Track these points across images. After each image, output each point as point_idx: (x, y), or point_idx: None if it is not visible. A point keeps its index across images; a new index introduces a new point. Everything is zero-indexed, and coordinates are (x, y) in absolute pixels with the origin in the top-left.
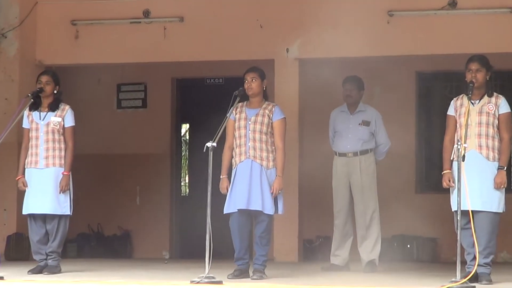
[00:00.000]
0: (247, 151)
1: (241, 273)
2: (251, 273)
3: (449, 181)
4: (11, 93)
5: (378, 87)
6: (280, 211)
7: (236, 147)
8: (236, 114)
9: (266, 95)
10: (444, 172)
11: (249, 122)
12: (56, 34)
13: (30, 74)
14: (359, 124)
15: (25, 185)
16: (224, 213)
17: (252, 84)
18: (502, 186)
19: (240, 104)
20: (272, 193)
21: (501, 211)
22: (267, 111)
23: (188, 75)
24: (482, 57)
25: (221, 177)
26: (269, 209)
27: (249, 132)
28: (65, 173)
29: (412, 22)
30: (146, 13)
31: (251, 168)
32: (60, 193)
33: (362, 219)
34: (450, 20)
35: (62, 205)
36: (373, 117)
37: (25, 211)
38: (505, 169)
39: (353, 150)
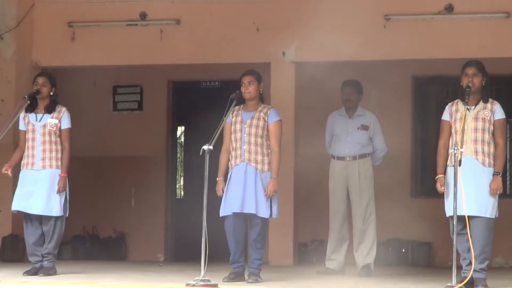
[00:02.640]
0: (242, 154)
1: (236, 276)
2: (246, 277)
3: (441, 186)
4: (8, 94)
5: (374, 91)
6: (274, 215)
7: (232, 150)
8: (232, 117)
9: (263, 98)
10: (438, 177)
11: (245, 126)
12: (52, 35)
13: (26, 75)
14: (358, 128)
15: (7, 171)
16: (220, 216)
17: (249, 87)
18: (498, 191)
19: (237, 107)
20: (266, 198)
21: (494, 216)
22: (262, 114)
23: (184, 77)
24: (478, 62)
25: (217, 179)
26: (263, 213)
27: (245, 135)
28: (62, 175)
29: (408, 26)
30: (143, 16)
31: (245, 171)
32: (57, 193)
33: (359, 223)
34: (446, 25)
35: (58, 207)
36: (372, 121)
37: (14, 208)
38: (500, 174)
39: (352, 154)
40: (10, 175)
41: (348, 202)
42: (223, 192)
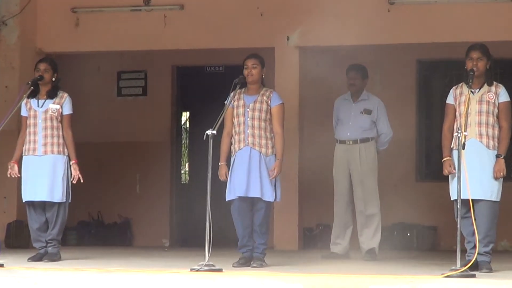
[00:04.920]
0: (246, 139)
1: (246, 262)
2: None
3: (450, 167)
4: (12, 80)
5: (378, 75)
6: (278, 199)
7: (235, 134)
8: (234, 101)
9: (264, 83)
10: (444, 159)
11: (248, 109)
12: (56, 21)
13: (30, 61)
14: (361, 112)
15: (15, 172)
16: (226, 200)
17: (252, 70)
18: (501, 174)
19: (238, 91)
20: (271, 178)
21: (498, 200)
22: (265, 98)
23: (188, 63)
24: (483, 46)
25: (219, 164)
26: (268, 196)
27: (248, 119)
28: (74, 161)
29: (412, 11)
30: (147, 1)
31: (250, 155)
32: (74, 182)
33: (362, 207)
34: (450, 9)
35: (60, 193)
36: (375, 105)
37: (25, 198)
38: (503, 157)
39: (353, 138)
40: (18, 174)
41: (351, 186)
42: (226, 176)
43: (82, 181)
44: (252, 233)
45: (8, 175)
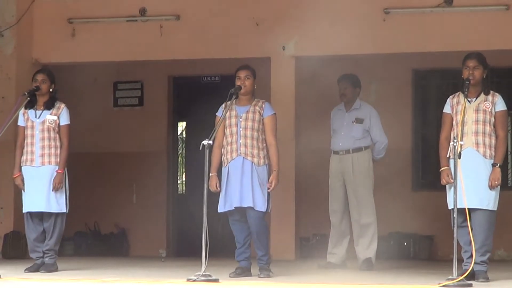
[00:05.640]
0: (239, 148)
1: (243, 272)
2: (255, 272)
3: (448, 176)
4: (8, 91)
5: (374, 84)
6: (268, 209)
7: (227, 145)
8: (226, 112)
9: (254, 93)
10: (442, 169)
11: (241, 120)
12: (52, 32)
13: (27, 72)
14: (353, 121)
15: (20, 185)
16: (219, 211)
17: (246, 82)
18: (496, 183)
19: (228, 102)
20: (269, 190)
21: (495, 209)
22: (258, 108)
23: (184, 73)
24: (479, 55)
25: (210, 174)
26: (260, 206)
27: (241, 129)
28: (59, 171)
29: (408, 20)
30: (143, 11)
31: (242, 165)
32: (53, 191)
33: (356, 216)
34: (446, 18)
35: (58, 203)
36: (367, 114)
37: (25, 209)
38: (498, 166)
39: (346, 148)
40: (23, 190)
41: (346, 196)
42: (216, 187)
43: (67, 191)
44: (250, 244)
45: (19, 187)
